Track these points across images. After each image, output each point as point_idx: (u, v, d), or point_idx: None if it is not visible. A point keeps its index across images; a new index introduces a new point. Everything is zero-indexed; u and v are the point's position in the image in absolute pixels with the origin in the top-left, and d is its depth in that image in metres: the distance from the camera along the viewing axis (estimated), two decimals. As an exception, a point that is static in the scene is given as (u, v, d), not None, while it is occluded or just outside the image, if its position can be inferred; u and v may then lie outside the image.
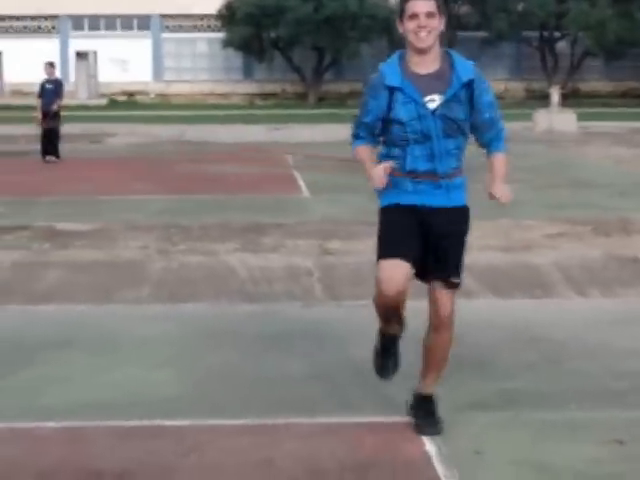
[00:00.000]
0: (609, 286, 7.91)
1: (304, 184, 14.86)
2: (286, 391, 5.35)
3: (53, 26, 49.01)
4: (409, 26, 4.48)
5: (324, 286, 7.92)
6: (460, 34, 45.99)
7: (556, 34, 47.37)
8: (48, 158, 19.05)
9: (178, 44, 49.45)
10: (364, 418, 4.95)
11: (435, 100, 4.50)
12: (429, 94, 4.50)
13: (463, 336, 5.61)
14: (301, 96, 47.11)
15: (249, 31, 43.98)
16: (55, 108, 19.21)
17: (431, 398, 4.84)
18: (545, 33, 47.43)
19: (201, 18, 48.87)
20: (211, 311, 7.21)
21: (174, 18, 49.22)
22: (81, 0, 46.50)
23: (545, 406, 5.12)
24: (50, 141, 19.15)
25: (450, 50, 4.63)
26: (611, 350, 6.12)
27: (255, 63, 47.51)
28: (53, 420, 4.91)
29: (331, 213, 11.62)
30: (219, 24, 46.64)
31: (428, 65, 4.54)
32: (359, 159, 4.74)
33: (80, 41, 48.56)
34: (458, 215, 4.69)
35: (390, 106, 4.52)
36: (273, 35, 44.66)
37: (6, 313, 7.16)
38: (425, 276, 4.71)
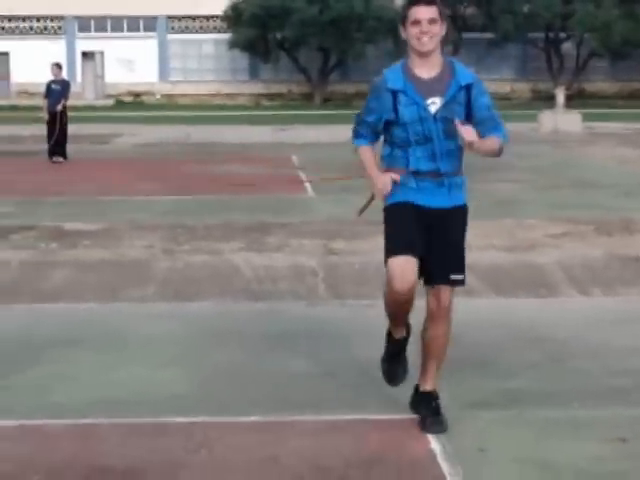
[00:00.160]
0: (611, 285, 7.94)
1: (309, 184, 14.90)
2: (291, 389, 5.39)
3: (60, 27, 49.11)
4: (412, 32, 4.59)
5: (328, 285, 7.96)
6: (466, 35, 46.05)
7: (562, 35, 47.37)
8: (55, 159, 19.12)
9: (184, 45, 49.53)
10: (369, 416, 4.98)
11: (436, 103, 4.61)
12: (430, 97, 4.60)
13: (466, 335, 5.66)
14: (307, 97, 47.16)
15: (255, 32, 44.05)
16: (60, 108, 19.27)
17: (433, 394, 4.88)
18: (551, 34, 47.43)
19: (207, 19, 48.95)
20: (216, 310, 7.25)
21: (180, 19, 49.29)
22: (87, 1, 46.60)
23: (548, 404, 5.15)
24: (57, 142, 19.22)
25: (453, 59, 4.74)
26: (613, 349, 6.15)
27: (261, 64, 47.58)
28: (62, 417, 4.95)
29: (336, 213, 11.64)
30: (225, 25, 46.71)
31: (430, 69, 4.64)
32: (361, 159, 4.85)
33: (86, 42, 48.67)
34: (458, 215, 4.77)
35: (395, 108, 4.62)
36: (279, 36, 44.73)
37: (14, 312, 7.22)
38: (423, 269, 4.72)
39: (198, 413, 5.01)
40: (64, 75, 21.85)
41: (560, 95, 29.16)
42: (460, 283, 4.78)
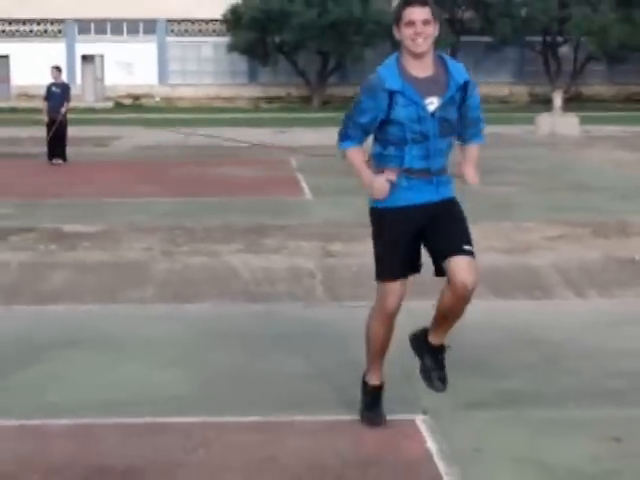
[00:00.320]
0: (607, 287, 7.98)
1: (307, 186, 14.93)
2: (289, 389, 5.43)
3: (60, 30, 49.15)
4: (406, 33, 4.60)
5: (326, 287, 7.99)
6: (464, 39, 46.11)
7: (559, 39, 47.43)
8: (55, 161, 19.15)
9: (183, 48, 49.57)
10: (366, 416, 5.02)
11: (434, 103, 4.63)
12: (428, 97, 4.63)
13: (463, 337, 5.69)
14: (305, 100, 47.20)
15: (254, 35, 44.09)
16: (63, 111, 19.34)
17: (442, 348, 4.88)
18: (548, 38, 47.48)
19: (206, 22, 48.98)
20: (214, 311, 7.29)
21: (180, 22, 49.34)
22: (87, 4, 46.64)
23: (544, 405, 5.19)
24: (57, 144, 19.26)
25: (441, 54, 4.76)
26: (609, 350, 6.18)
27: (260, 67, 47.61)
28: (61, 418, 4.98)
29: (333, 215, 11.67)
30: (224, 28, 46.75)
31: (425, 69, 4.66)
32: (351, 162, 4.80)
33: (86, 45, 48.70)
34: (449, 204, 4.77)
35: (390, 107, 4.62)
36: (278, 40, 44.76)
37: (13, 313, 7.25)
38: (434, 256, 4.73)
39: (197, 413, 5.04)
40: (64, 78, 21.90)
41: (557, 98, 29.19)
42: (471, 253, 4.70)
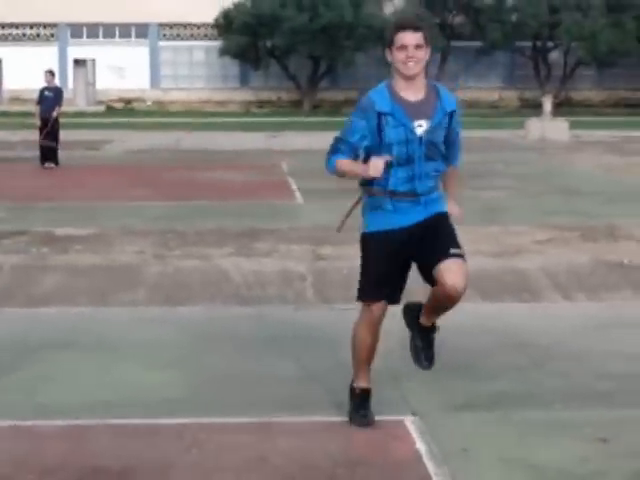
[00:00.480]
0: (595, 291, 8.04)
1: (298, 191, 14.97)
2: (280, 391, 5.47)
3: (52, 34, 49.11)
4: (398, 56, 4.69)
5: (316, 290, 8.05)
6: (454, 44, 46.19)
7: (549, 44, 47.53)
8: (47, 164, 19.16)
9: (175, 52, 49.55)
10: (356, 417, 5.07)
11: (422, 126, 4.70)
12: (417, 119, 4.70)
13: (452, 340, 5.76)
14: (296, 104, 47.21)
15: (246, 40, 44.10)
16: (55, 115, 19.36)
17: (433, 328, 5.00)
18: (538, 43, 47.58)
19: (198, 27, 48.98)
20: (206, 314, 7.34)
21: (172, 27, 49.34)
22: (80, 9, 46.60)
23: (532, 406, 5.24)
24: (49, 148, 19.28)
25: (436, 83, 4.87)
26: (596, 353, 6.25)
27: (251, 71, 47.61)
28: (55, 419, 5.03)
29: (324, 219, 11.68)
30: (216, 33, 46.76)
31: (415, 92, 4.74)
32: (341, 169, 4.78)
33: (78, 49, 48.65)
34: (437, 218, 4.83)
35: (380, 129, 4.68)
36: (269, 44, 44.78)
37: (5, 316, 7.28)
38: (423, 265, 4.81)
39: (189, 414, 5.09)
40: (56, 82, 21.91)
41: (547, 103, 29.28)
42: (461, 256, 4.77)
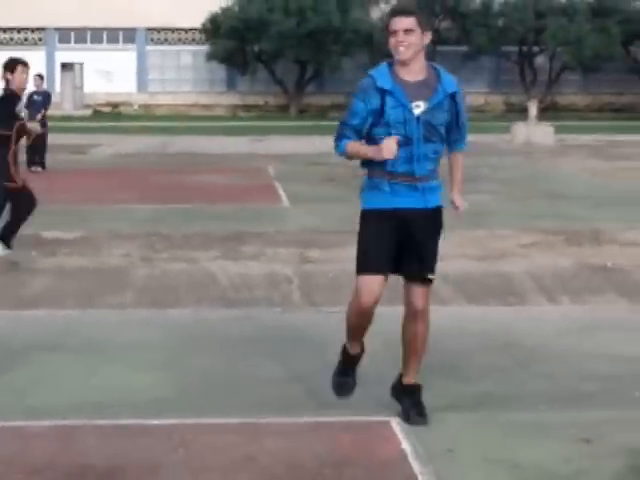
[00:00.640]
0: (579, 294, 8.10)
1: (284, 194, 15.01)
2: (266, 392, 5.52)
3: (40, 38, 49.04)
4: (391, 41, 4.80)
5: (303, 293, 8.08)
6: (440, 48, 46.28)
7: (535, 49, 47.72)
8: (34, 168, 19.13)
9: (163, 56, 49.52)
10: (342, 418, 5.10)
11: (420, 106, 4.77)
12: (415, 100, 4.77)
13: (438, 342, 5.79)
14: (283, 108, 47.26)
15: (233, 44, 44.11)
16: (39, 117, 19.30)
17: (416, 387, 5.07)
18: (524, 48, 47.76)
19: (186, 31, 48.97)
20: (193, 316, 7.37)
21: (159, 31, 49.33)
22: (68, 13, 46.53)
23: (516, 407, 5.30)
24: (36, 152, 19.25)
25: (436, 65, 4.92)
26: (580, 354, 6.31)
27: (238, 76, 47.62)
28: (43, 419, 5.05)
29: (310, 223, 11.77)
30: (204, 37, 46.78)
31: (415, 74, 4.82)
32: (351, 152, 4.88)
33: (66, 53, 48.55)
34: (433, 216, 4.93)
35: (382, 108, 4.76)
36: (257, 48, 44.82)
37: (-6, 318, 7.31)
38: (400, 269, 4.93)
39: (176, 415, 5.12)
40: (45, 86, 21.88)
41: (533, 108, 29.41)
42: (430, 282, 4.97)
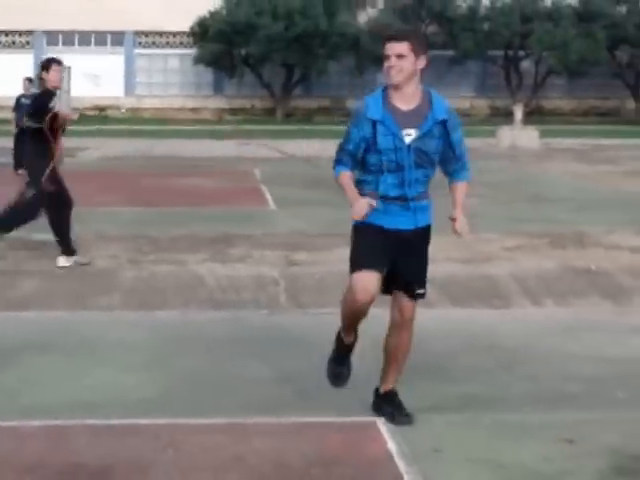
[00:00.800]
0: (563, 296, 8.17)
1: (271, 197, 15.03)
2: (254, 393, 5.58)
3: (28, 41, 48.94)
4: (384, 65, 4.89)
5: (289, 295, 8.13)
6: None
7: (521, 53, 47.84)
8: (20, 171, 19.08)
9: (150, 60, 49.47)
10: (329, 418, 5.17)
11: (411, 135, 4.86)
12: (406, 128, 4.86)
13: (423, 343, 5.88)
14: (269, 112, 47.27)
15: (220, 48, 44.06)
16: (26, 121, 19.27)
17: (395, 392, 5.19)
18: (510, 52, 47.90)
19: (174, 35, 48.93)
20: (181, 318, 7.43)
21: (147, 35, 49.31)
22: (56, 16, 46.43)
23: (500, 408, 5.37)
24: (23, 154, 19.18)
25: (431, 90, 4.98)
26: (564, 356, 6.39)
27: (225, 79, 47.60)
28: (34, 419, 5.10)
29: (297, 226, 11.81)
30: (191, 41, 46.77)
31: (408, 100, 4.90)
32: (341, 184, 5.02)
33: (54, 56, 48.41)
34: (423, 235, 5.08)
35: (374, 136, 4.86)
36: (244, 52, 44.81)
37: (-17, 320, 7.34)
38: (390, 288, 5.06)
39: (165, 415, 5.18)
40: (33, 90, 21.83)
41: (518, 112, 29.52)
42: (422, 296, 5.14)
